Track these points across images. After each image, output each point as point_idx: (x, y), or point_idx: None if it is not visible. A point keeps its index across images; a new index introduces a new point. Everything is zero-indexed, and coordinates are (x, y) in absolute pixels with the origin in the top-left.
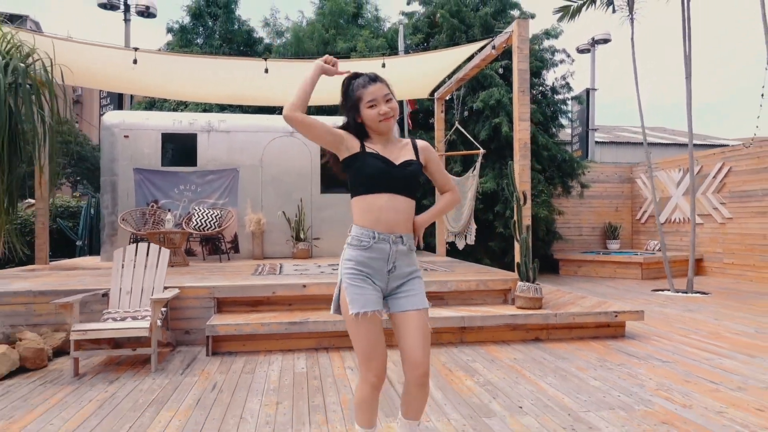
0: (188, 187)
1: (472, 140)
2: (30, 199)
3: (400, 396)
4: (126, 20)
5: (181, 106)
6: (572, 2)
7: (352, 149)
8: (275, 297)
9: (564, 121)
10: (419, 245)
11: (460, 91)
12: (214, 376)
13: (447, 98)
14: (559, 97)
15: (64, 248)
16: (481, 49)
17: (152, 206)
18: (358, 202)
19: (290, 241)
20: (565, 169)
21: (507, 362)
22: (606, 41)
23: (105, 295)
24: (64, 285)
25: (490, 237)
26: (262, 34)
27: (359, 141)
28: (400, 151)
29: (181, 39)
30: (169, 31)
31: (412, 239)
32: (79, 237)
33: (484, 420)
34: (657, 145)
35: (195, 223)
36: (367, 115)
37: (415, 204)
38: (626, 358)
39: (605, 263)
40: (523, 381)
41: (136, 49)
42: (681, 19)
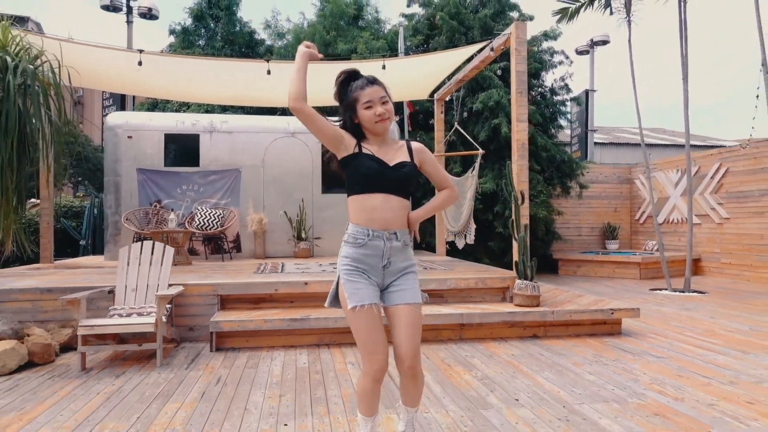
0: (191, 187)
1: (471, 141)
2: (34, 199)
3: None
4: (128, 22)
5: (183, 107)
6: (570, 4)
7: (349, 149)
8: (277, 294)
9: (563, 122)
10: (416, 240)
11: (459, 92)
12: (219, 371)
13: (447, 99)
14: (558, 98)
15: (68, 248)
16: (480, 51)
17: (155, 206)
18: (354, 201)
19: (292, 241)
20: (564, 170)
21: (505, 358)
22: (605, 43)
23: (111, 292)
24: (70, 282)
25: (489, 237)
26: (264, 36)
27: (356, 141)
28: (395, 153)
29: (184, 40)
30: (172, 32)
31: (407, 235)
32: (83, 236)
33: (481, 412)
34: (656, 146)
35: (198, 222)
36: (363, 115)
37: (410, 204)
38: (621, 354)
39: (604, 263)
40: (520, 375)
41: (141, 51)
42: (678, 21)
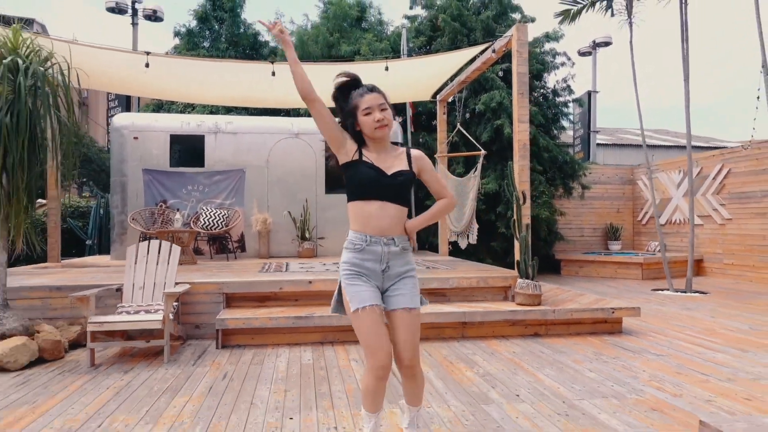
0: (196, 187)
1: (473, 142)
2: (41, 200)
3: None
4: (133, 24)
5: (188, 108)
6: (572, 6)
7: (350, 155)
8: (282, 293)
9: (565, 124)
10: (413, 247)
11: (462, 93)
12: (225, 367)
13: (449, 100)
14: (560, 99)
15: (74, 247)
16: (482, 53)
17: (161, 206)
18: (352, 207)
19: (296, 241)
20: (566, 171)
21: (506, 355)
22: (607, 44)
23: (118, 290)
24: (78, 281)
25: (492, 237)
26: (268, 38)
27: (357, 148)
28: (394, 160)
29: (188, 42)
30: (177, 34)
31: (406, 240)
32: (89, 236)
33: (482, 407)
34: (659, 147)
35: (203, 222)
36: (363, 122)
37: (407, 210)
38: (621, 352)
39: (606, 264)
40: (521, 372)
41: (149, 53)
42: (679, 22)
